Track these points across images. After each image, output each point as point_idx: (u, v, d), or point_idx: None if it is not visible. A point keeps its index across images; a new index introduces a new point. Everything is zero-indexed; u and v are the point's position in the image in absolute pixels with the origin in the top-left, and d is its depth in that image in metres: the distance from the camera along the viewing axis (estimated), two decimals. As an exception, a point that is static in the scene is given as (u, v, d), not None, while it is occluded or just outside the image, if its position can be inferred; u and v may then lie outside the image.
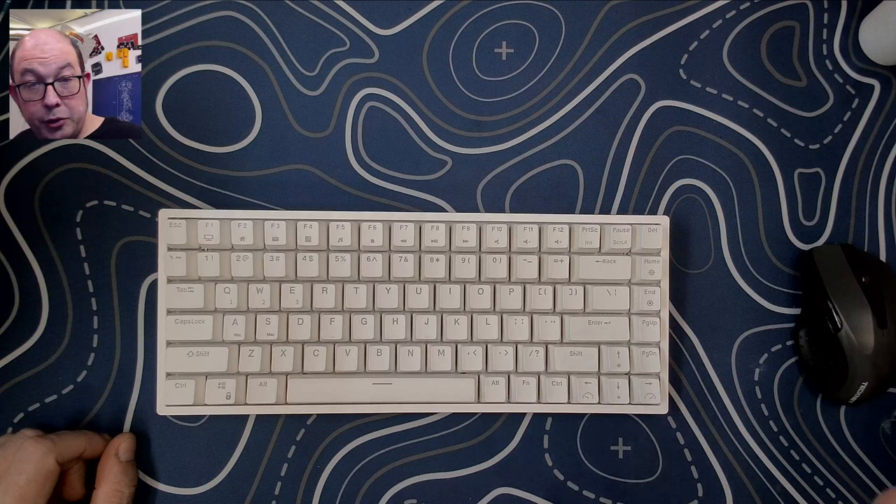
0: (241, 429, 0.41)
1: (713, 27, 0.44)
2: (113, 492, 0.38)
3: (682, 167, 0.44)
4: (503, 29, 0.44)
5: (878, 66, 0.44)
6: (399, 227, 0.40)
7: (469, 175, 0.43)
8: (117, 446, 0.39)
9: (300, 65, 0.43)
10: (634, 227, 0.41)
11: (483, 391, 0.40)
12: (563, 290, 0.40)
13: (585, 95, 0.44)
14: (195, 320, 0.39)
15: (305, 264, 0.40)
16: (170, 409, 0.39)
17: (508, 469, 0.42)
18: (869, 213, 0.44)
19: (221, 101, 0.42)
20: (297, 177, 0.42)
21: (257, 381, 0.39)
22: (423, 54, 0.43)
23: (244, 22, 0.43)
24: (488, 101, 0.43)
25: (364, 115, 0.43)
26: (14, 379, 0.41)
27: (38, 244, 0.41)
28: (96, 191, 0.42)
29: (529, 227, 0.40)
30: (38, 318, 0.41)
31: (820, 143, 0.44)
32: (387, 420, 0.42)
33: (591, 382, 0.40)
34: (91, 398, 0.41)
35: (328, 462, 0.41)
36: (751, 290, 0.43)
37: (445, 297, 0.40)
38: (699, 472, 0.42)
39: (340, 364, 0.40)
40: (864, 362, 0.40)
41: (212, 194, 0.42)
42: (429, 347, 0.40)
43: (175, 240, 0.39)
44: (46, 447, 0.35)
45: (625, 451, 0.42)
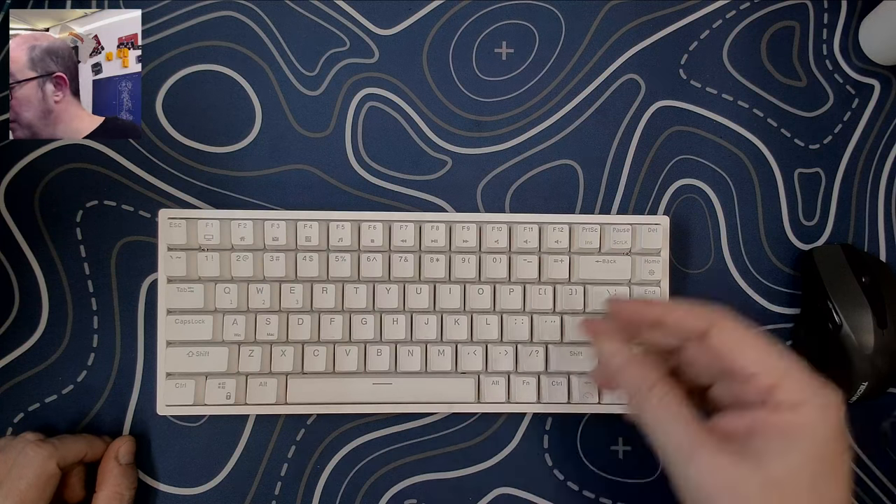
0: (241, 429, 0.41)
1: (713, 27, 0.44)
2: (113, 494, 0.38)
3: (682, 167, 0.44)
4: (503, 29, 0.44)
5: (878, 66, 0.44)
6: (399, 227, 0.40)
7: (469, 175, 0.43)
8: (117, 449, 0.39)
9: (300, 65, 0.43)
10: (634, 227, 0.41)
11: (483, 391, 0.40)
12: (563, 290, 0.40)
13: (585, 95, 0.44)
14: (195, 320, 0.39)
15: (305, 264, 0.40)
16: (170, 409, 0.39)
17: (508, 469, 0.42)
18: (869, 213, 0.44)
19: (221, 101, 0.42)
20: (297, 177, 0.42)
21: (257, 381, 0.39)
22: (423, 54, 0.43)
23: (244, 22, 0.43)
24: (488, 101, 0.43)
25: (364, 115, 0.43)
26: (14, 379, 0.41)
27: (38, 244, 0.41)
28: (96, 191, 0.42)
29: (529, 227, 0.40)
30: (38, 318, 0.41)
31: (820, 143, 0.44)
32: (387, 420, 0.42)
33: (591, 382, 0.40)
34: (91, 398, 0.41)
35: (328, 462, 0.41)
36: (751, 290, 0.43)
37: (445, 297, 0.40)
38: (699, 472, 0.42)
39: (340, 364, 0.40)
40: (864, 362, 0.40)
41: (212, 194, 0.42)
42: (429, 347, 0.40)
43: (175, 240, 0.39)
44: (48, 451, 0.35)
45: (625, 451, 0.42)
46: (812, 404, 0.28)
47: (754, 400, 0.29)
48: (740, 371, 0.30)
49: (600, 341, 0.34)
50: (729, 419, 0.30)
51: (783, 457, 0.28)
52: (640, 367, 0.32)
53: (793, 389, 0.29)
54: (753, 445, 0.29)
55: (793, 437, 0.28)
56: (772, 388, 0.29)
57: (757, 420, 0.29)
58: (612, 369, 0.33)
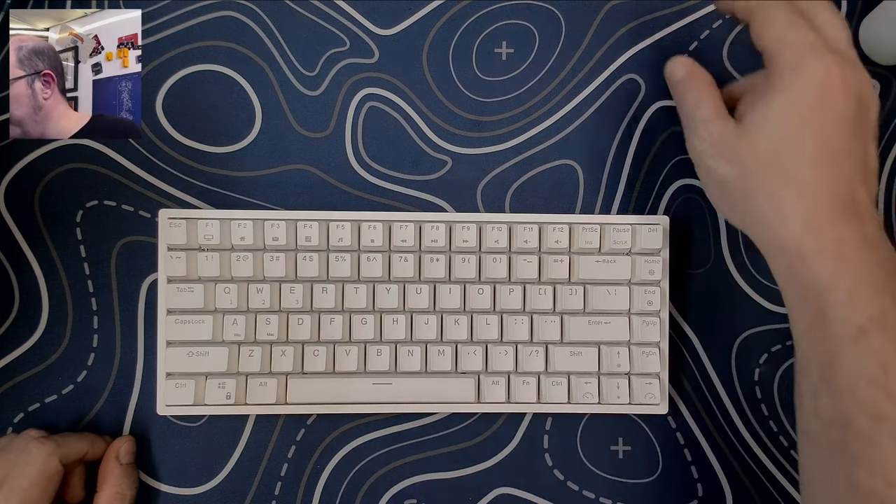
0: (241, 429, 0.41)
1: (713, 27, 0.44)
2: (115, 494, 0.38)
3: (682, 167, 0.44)
4: (503, 29, 0.44)
5: (878, 66, 0.44)
6: (399, 227, 0.40)
7: (469, 175, 0.43)
8: (117, 449, 0.39)
9: (300, 65, 0.43)
10: (634, 227, 0.41)
11: (483, 391, 0.40)
12: (563, 290, 0.40)
13: (585, 95, 0.44)
14: (195, 320, 0.39)
15: (305, 264, 0.40)
16: (170, 409, 0.39)
17: (508, 469, 0.42)
18: (869, 213, 0.44)
19: (221, 101, 0.42)
20: (297, 177, 0.42)
21: (257, 381, 0.39)
22: (423, 54, 0.43)
23: (244, 22, 0.43)
24: (488, 101, 0.43)
25: (364, 115, 0.43)
26: (14, 379, 0.41)
27: (38, 244, 0.41)
28: (96, 191, 0.42)
29: (529, 227, 0.40)
30: (38, 318, 0.41)
31: (820, 143, 0.44)
32: (387, 420, 0.42)
33: (591, 382, 0.40)
34: (91, 398, 0.41)
35: (328, 462, 0.41)
36: (751, 290, 0.43)
37: (445, 297, 0.40)
38: (699, 472, 0.42)
39: (340, 364, 0.40)
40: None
41: (212, 194, 0.42)
42: (429, 347, 0.40)
43: (175, 240, 0.39)
44: (50, 449, 0.35)
45: (625, 451, 0.42)
46: (798, 66, 0.30)
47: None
48: (763, 50, 0.32)
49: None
50: (734, 86, 0.35)
51: (757, 110, 0.31)
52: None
53: (789, 56, 0.30)
54: (741, 106, 0.33)
55: (771, 93, 0.31)
56: (773, 56, 0.31)
57: (749, 84, 0.33)
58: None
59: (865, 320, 0.27)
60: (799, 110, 0.30)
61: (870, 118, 0.31)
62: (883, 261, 0.28)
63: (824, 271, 0.28)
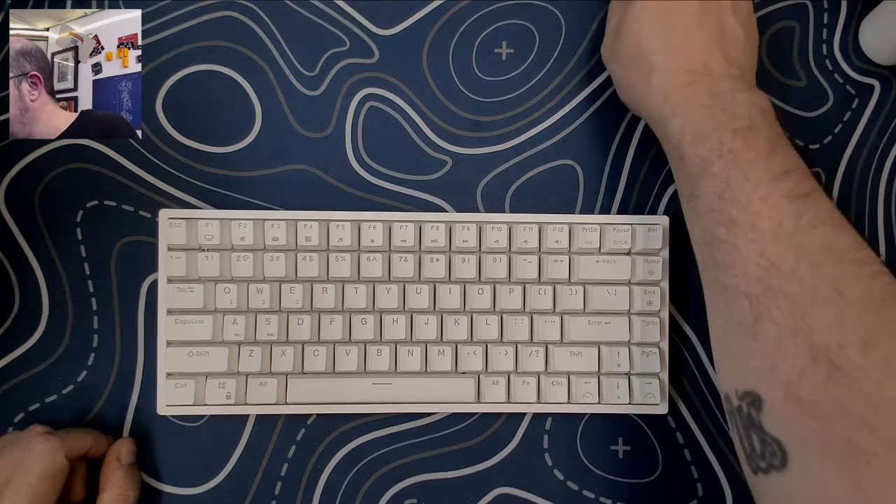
0: (241, 429, 0.41)
1: (713, 27, 0.44)
2: (118, 495, 0.38)
3: (682, 167, 0.44)
4: (503, 29, 0.44)
5: (878, 66, 0.44)
6: (399, 227, 0.40)
7: (469, 175, 0.43)
8: (118, 451, 0.39)
9: (300, 65, 0.43)
10: (634, 227, 0.41)
11: (483, 391, 0.40)
12: (563, 290, 0.40)
13: (585, 95, 0.44)
14: (195, 320, 0.39)
15: (305, 264, 0.40)
16: (170, 409, 0.39)
17: (508, 469, 0.42)
18: (869, 213, 0.44)
19: (221, 101, 0.42)
20: (297, 177, 0.42)
21: (257, 381, 0.39)
22: (423, 54, 0.43)
23: (244, 22, 0.43)
24: (488, 101, 0.43)
25: (364, 115, 0.43)
26: (14, 379, 0.41)
27: (38, 244, 0.41)
28: (96, 191, 0.42)
29: (529, 227, 0.40)
30: (38, 318, 0.41)
31: (820, 143, 0.44)
32: (387, 420, 0.42)
33: (591, 382, 0.40)
34: (91, 398, 0.41)
35: (328, 462, 0.41)
36: (751, 290, 0.43)
37: (445, 297, 0.40)
38: (699, 472, 0.42)
39: (340, 364, 0.40)
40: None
41: (212, 194, 0.42)
42: (429, 347, 0.40)
43: (175, 240, 0.39)
44: (55, 444, 0.35)
45: (625, 451, 0.42)
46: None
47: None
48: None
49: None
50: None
51: (623, 16, 0.37)
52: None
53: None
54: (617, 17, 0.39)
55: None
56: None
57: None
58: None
59: (707, 151, 0.32)
60: (651, 9, 0.36)
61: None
62: (726, 104, 0.33)
63: (677, 127, 0.34)
